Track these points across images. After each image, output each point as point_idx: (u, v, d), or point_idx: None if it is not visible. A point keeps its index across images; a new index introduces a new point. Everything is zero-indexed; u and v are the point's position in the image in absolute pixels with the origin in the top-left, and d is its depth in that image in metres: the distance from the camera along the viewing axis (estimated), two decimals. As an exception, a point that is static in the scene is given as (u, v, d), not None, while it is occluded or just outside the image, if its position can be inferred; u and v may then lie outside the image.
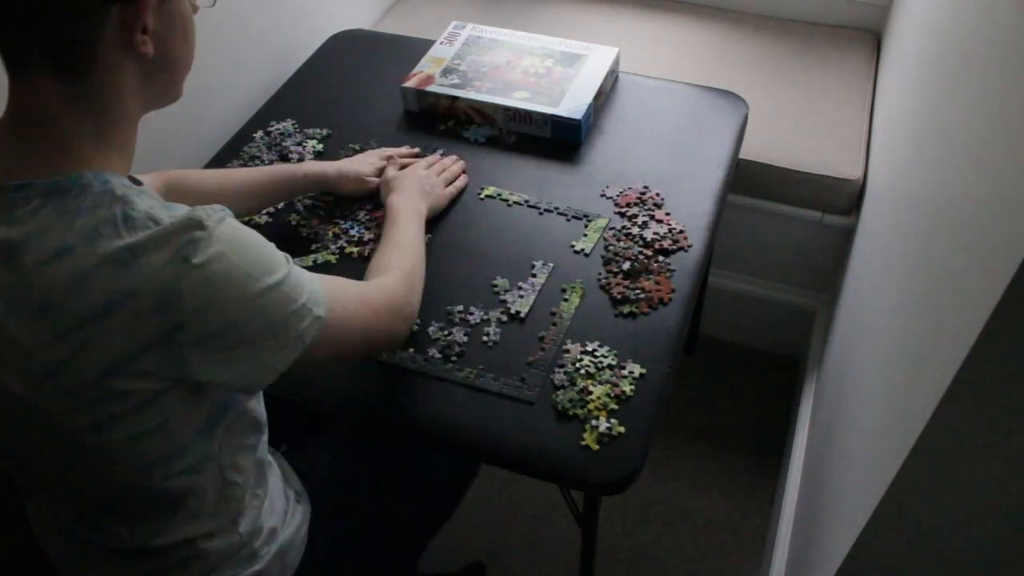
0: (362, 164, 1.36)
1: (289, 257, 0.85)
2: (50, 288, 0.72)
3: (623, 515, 1.76)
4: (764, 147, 1.73)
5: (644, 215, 1.33)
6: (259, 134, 1.50)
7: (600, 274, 1.24)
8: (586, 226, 1.32)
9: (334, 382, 1.13)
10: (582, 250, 1.29)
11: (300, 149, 1.46)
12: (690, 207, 1.35)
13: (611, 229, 1.31)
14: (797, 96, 1.85)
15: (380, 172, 1.36)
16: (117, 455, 0.80)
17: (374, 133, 1.50)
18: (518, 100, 1.47)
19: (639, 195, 1.36)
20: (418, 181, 1.29)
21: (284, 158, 1.45)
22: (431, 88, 1.51)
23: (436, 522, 1.41)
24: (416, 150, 1.44)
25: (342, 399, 1.12)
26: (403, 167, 1.36)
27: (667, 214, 1.33)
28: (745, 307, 1.99)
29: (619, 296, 1.21)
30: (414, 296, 1.05)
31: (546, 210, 1.35)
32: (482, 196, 1.38)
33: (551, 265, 1.26)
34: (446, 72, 1.55)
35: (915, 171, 1.18)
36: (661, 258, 1.26)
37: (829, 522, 1.14)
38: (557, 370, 1.12)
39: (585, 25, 2.06)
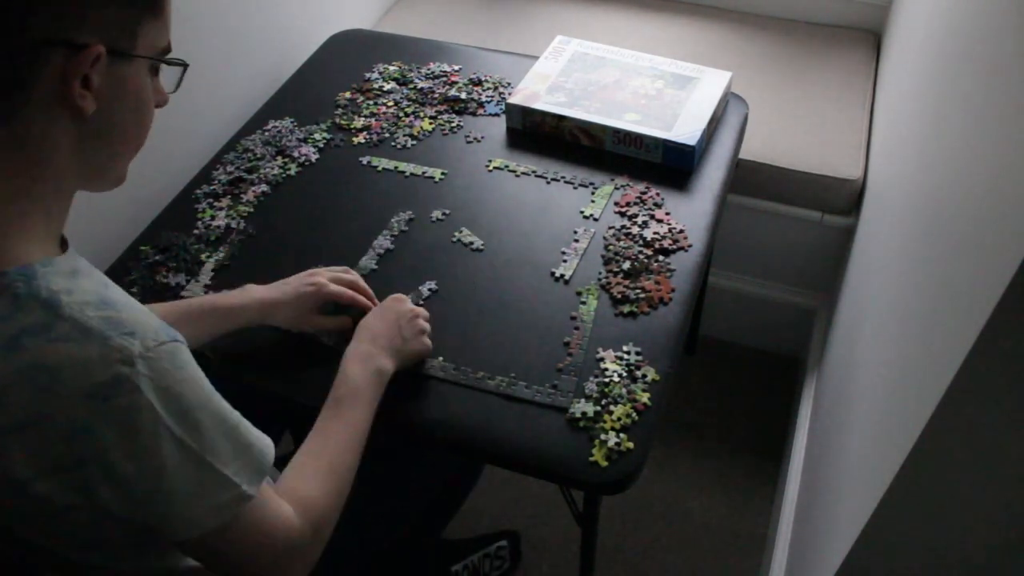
0: (299, 291, 1.12)
1: (235, 414, 0.78)
2: None
3: (623, 515, 1.76)
4: (764, 147, 1.73)
5: (644, 215, 1.33)
6: (257, 133, 1.50)
7: (600, 274, 1.24)
8: (593, 192, 1.37)
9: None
10: (591, 215, 1.33)
11: (302, 148, 1.46)
12: (690, 207, 1.35)
13: (611, 228, 1.31)
14: (797, 96, 1.85)
15: (315, 300, 1.12)
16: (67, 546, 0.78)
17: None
18: (629, 123, 1.43)
19: (639, 195, 1.36)
20: (397, 323, 1.08)
21: (283, 155, 1.45)
22: (538, 106, 1.47)
23: (437, 525, 1.40)
24: (352, 276, 1.17)
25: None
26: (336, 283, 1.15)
27: (667, 214, 1.33)
28: (745, 307, 1.99)
29: (619, 296, 1.21)
30: (319, 547, 0.89)
31: (553, 179, 1.40)
32: (490, 168, 1.42)
33: (592, 230, 1.30)
34: (552, 89, 1.50)
35: (915, 171, 1.18)
36: (661, 258, 1.26)
37: (829, 522, 1.14)
38: (591, 379, 1.11)
39: (585, 25, 2.06)
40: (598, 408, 1.07)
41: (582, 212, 1.34)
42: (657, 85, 1.51)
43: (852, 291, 1.54)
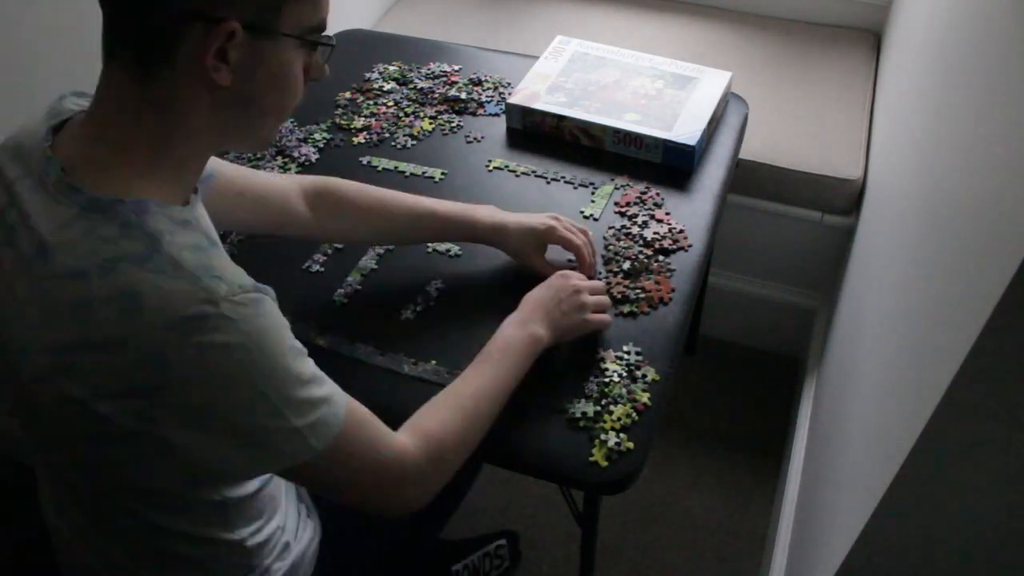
0: (531, 224, 1.19)
1: (312, 369, 0.79)
2: (57, 305, 0.72)
3: (623, 515, 1.76)
4: (764, 147, 1.73)
5: (644, 215, 1.33)
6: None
7: (600, 273, 1.24)
8: (593, 192, 1.37)
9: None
10: (591, 215, 1.33)
11: (302, 148, 1.46)
12: (690, 207, 1.35)
13: (611, 228, 1.31)
14: (797, 96, 1.85)
15: (544, 238, 1.19)
16: (118, 471, 0.79)
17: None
18: (629, 123, 1.42)
19: (639, 195, 1.36)
20: (556, 297, 1.10)
21: (283, 155, 1.45)
22: (538, 106, 1.47)
23: (435, 525, 1.40)
24: (585, 235, 1.21)
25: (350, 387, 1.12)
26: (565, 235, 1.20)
27: (667, 214, 1.33)
28: (745, 307, 1.99)
29: (619, 296, 1.21)
30: (438, 477, 0.93)
31: (553, 179, 1.40)
32: (490, 168, 1.42)
33: (595, 227, 1.29)
34: (552, 89, 1.50)
35: (915, 171, 1.18)
36: (661, 258, 1.26)
37: (829, 522, 1.14)
38: (591, 379, 1.11)
39: (585, 25, 2.06)
40: (598, 408, 1.07)
41: (582, 212, 1.34)
42: (657, 85, 1.51)
43: (852, 291, 1.54)
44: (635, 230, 1.30)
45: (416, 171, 1.42)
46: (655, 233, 1.30)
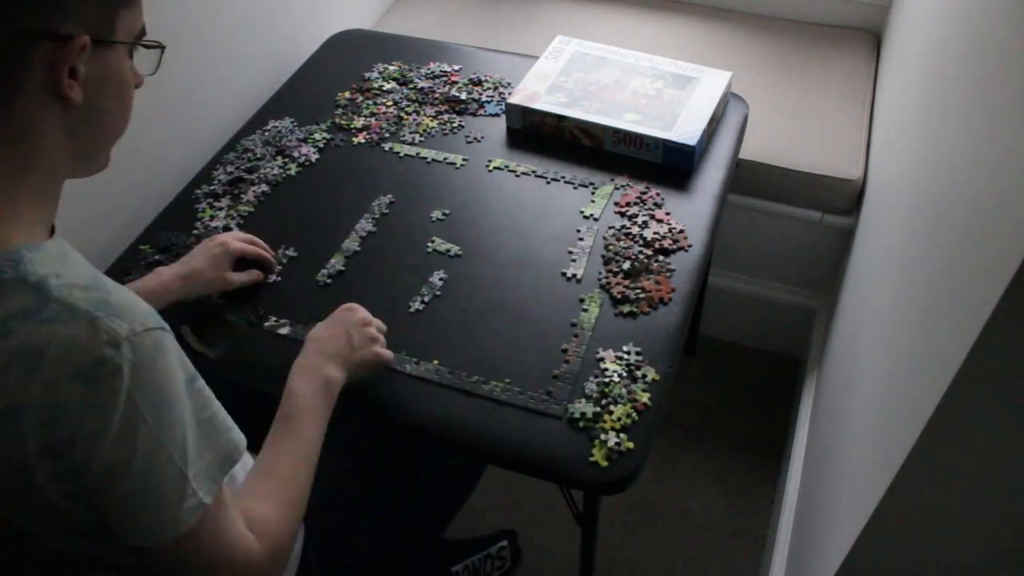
0: (209, 254, 1.17)
1: (208, 398, 0.77)
2: None
3: (623, 515, 1.76)
4: (764, 147, 1.73)
5: (644, 215, 1.33)
6: (257, 133, 1.50)
7: (600, 273, 1.24)
8: (593, 192, 1.37)
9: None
10: (591, 215, 1.33)
11: (302, 148, 1.46)
12: (690, 207, 1.35)
13: (611, 228, 1.31)
14: (797, 96, 1.85)
15: (233, 256, 1.19)
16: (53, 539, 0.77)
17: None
18: (629, 123, 1.42)
19: (639, 195, 1.36)
20: (345, 332, 1.04)
21: (283, 155, 1.45)
22: (538, 106, 1.47)
23: (437, 526, 1.40)
24: (249, 236, 1.23)
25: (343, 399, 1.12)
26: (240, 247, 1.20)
27: (667, 214, 1.33)
28: (745, 307, 1.99)
29: (619, 296, 1.21)
30: (277, 570, 0.88)
31: (553, 179, 1.40)
32: (490, 168, 1.42)
33: (595, 228, 1.30)
34: (552, 89, 1.50)
35: (915, 171, 1.18)
36: (661, 258, 1.26)
37: (829, 522, 1.14)
38: (591, 379, 1.11)
39: (585, 25, 2.06)
40: (597, 409, 1.07)
41: (582, 212, 1.34)
42: (657, 85, 1.50)
43: (852, 291, 1.54)
44: (635, 230, 1.30)
45: (438, 157, 1.43)
46: (655, 233, 1.30)
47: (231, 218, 1.34)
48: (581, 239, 1.29)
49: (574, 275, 1.24)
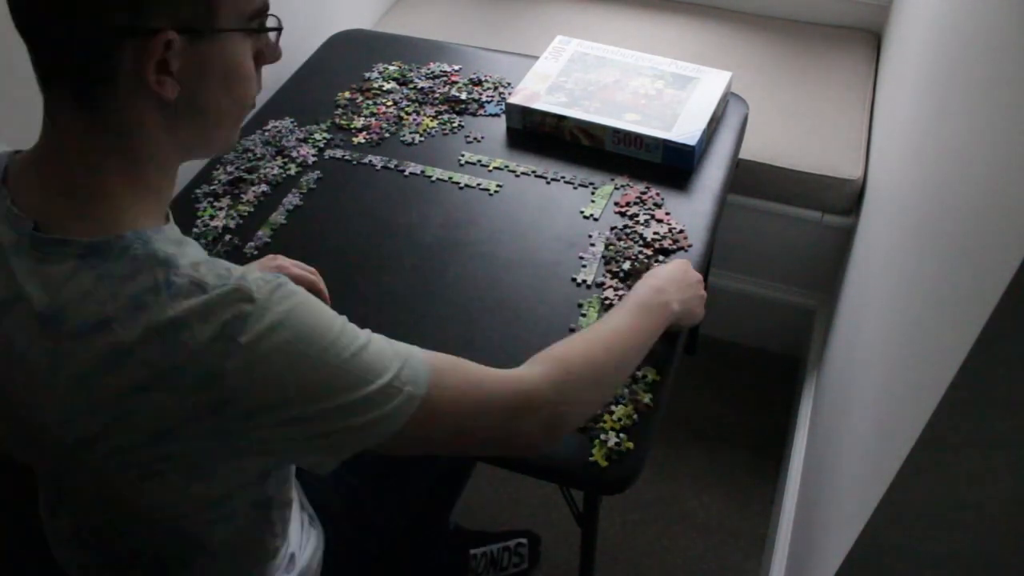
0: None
1: (369, 332, 0.77)
2: (89, 361, 0.68)
3: (623, 515, 1.76)
4: (764, 147, 1.73)
5: (644, 214, 1.33)
6: (257, 133, 1.50)
7: (600, 273, 1.24)
8: (593, 192, 1.37)
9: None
10: (591, 215, 1.33)
11: (301, 148, 1.46)
12: (690, 207, 1.35)
13: (612, 228, 1.31)
14: (797, 96, 1.85)
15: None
16: (158, 503, 0.77)
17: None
18: (629, 123, 1.42)
19: (639, 194, 1.36)
20: (686, 279, 1.11)
21: (283, 155, 1.45)
22: (538, 106, 1.47)
23: (444, 508, 1.40)
24: (313, 271, 1.18)
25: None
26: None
27: (667, 214, 1.33)
28: (745, 307, 1.99)
29: (616, 299, 1.21)
30: (566, 397, 0.86)
31: (553, 179, 1.40)
32: (490, 168, 1.42)
33: (606, 234, 1.29)
34: (552, 89, 1.50)
35: (915, 171, 1.18)
36: (661, 258, 1.26)
37: (829, 522, 1.14)
38: None
39: (585, 25, 2.06)
40: (597, 410, 1.07)
41: (582, 212, 1.34)
42: (657, 85, 1.50)
43: (852, 291, 1.54)
44: (636, 230, 1.30)
45: (471, 183, 1.40)
46: (655, 233, 1.30)
47: (231, 218, 1.34)
48: (592, 244, 1.28)
49: (584, 281, 1.23)
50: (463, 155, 1.45)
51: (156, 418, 0.69)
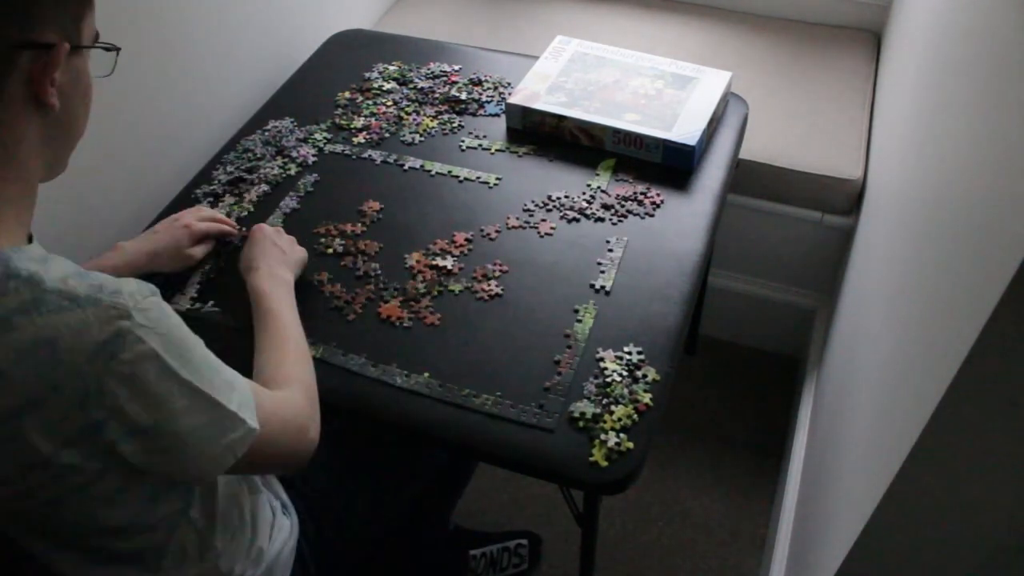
0: (173, 235, 1.20)
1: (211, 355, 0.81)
2: None
3: (623, 515, 1.76)
4: (764, 147, 1.73)
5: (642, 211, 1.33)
6: (257, 133, 1.50)
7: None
8: (596, 167, 1.41)
9: (336, 382, 1.12)
10: (598, 187, 1.36)
11: (301, 148, 1.46)
12: (690, 207, 1.35)
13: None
14: (797, 96, 1.85)
15: (196, 237, 1.22)
16: (70, 523, 0.79)
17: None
18: (629, 123, 1.42)
19: (641, 194, 1.36)
20: (272, 247, 1.16)
21: (283, 155, 1.45)
22: (538, 106, 1.47)
23: (441, 511, 1.40)
24: (211, 211, 1.28)
25: (344, 396, 1.12)
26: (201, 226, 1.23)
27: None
28: (745, 307, 1.99)
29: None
30: (317, 413, 0.97)
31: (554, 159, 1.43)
32: (492, 151, 1.42)
33: (626, 239, 1.29)
34: (552, 89, 1.50)
35: (915, 171, 1.18)
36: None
37: (829, 522, 1.14)
38: (591, 379, 1.10)
39: (585, 25, 2.06)
40: (598, 410, 1.07)
41: (589, 185, 1.33)
42: (657, 85, 1.50)
43: (852, 291, 1.54)
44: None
45: (470, 176, 1.41)
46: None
47: (231, 218, 1.34)
48: (611, 250, 1.27)
49: (603, 287, 1.22)
50: (463, 141, 1.47)
51: (39, 440, 0.69)
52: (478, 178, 1.40)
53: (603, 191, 1.35)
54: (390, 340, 1.16)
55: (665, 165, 1.41)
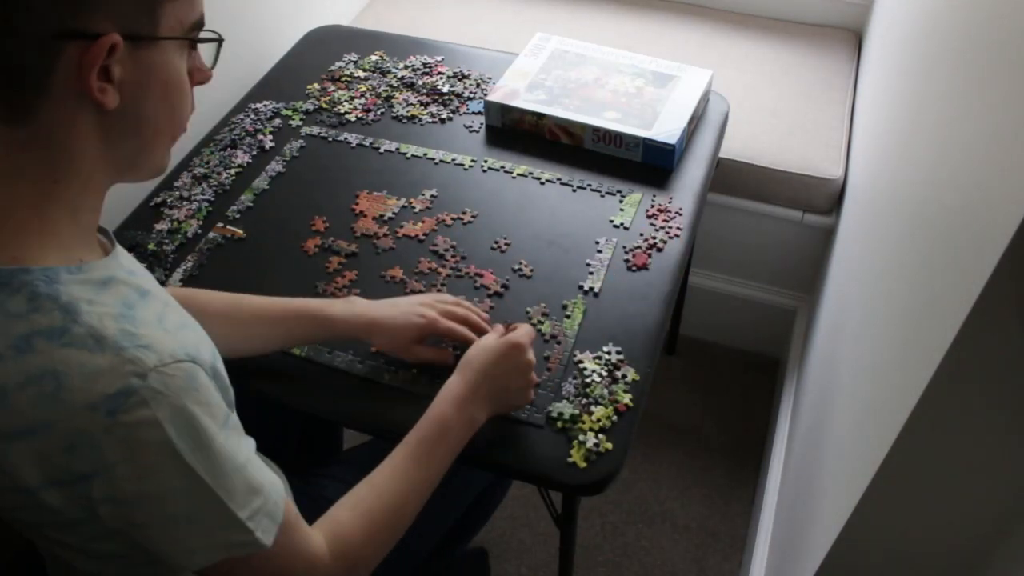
0: (407, 319, 1.04)
1: (249, 451, 0.74)
2: None
3: (602, 516, 1.75)
4: (745, 146, 1.73)
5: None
6: (240, 116, 1.48)
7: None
8: (621, 200, 1.34)
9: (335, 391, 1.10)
10: (622, 224, 1.30)
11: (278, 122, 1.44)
12: (670, 206, 1.34)
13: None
14: (778, 95, 1.85)
15: (423, 333, 1.05)
16: (53, 540, 0.75)
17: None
18: (608, 121, 1.41)
19: (660, 209, 1.34)
20: (507, 374, 0.98)
21: (262, 149, 1.43)
22: (517, 103, 1.45)
23: (466, 537, 1.38)
24: (481, 319, 1.10)
25: (330, 396, 1.10)
26: (450, 317, 1.06)
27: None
28: (725, 307, 1.99)
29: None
30: (374, 558, 0.87)
31: (579, 187, 1.37)
32: (514, 175, 1.39)
33: (615, 240, 1.27)
34: (532, 87, 1.48)
35: (895, 170, 1.18)
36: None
37: (810, 522, 1.13)
38: (570, 380, 1.09)
39: (565, 22, 2.05)
40: (576, 411, 1.06)
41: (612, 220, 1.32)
42: (637, 83, 1.49)
43: (833, 291, 1.54)
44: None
45: (445, 158, 1.41)
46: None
47: (199, 213, 1.31)
48: (600, 251, 1.26)
49: (591, 288, 1.20)
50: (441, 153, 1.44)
51: (23, 470, 0.66)
52: (453, 159, 1.39)
53: (626, 228, 1.29)
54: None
55: (645, 164, 1.40)
